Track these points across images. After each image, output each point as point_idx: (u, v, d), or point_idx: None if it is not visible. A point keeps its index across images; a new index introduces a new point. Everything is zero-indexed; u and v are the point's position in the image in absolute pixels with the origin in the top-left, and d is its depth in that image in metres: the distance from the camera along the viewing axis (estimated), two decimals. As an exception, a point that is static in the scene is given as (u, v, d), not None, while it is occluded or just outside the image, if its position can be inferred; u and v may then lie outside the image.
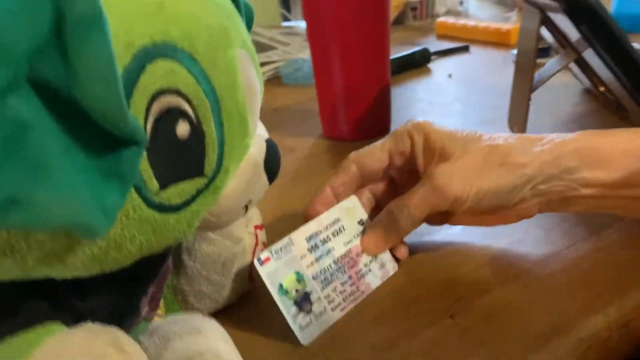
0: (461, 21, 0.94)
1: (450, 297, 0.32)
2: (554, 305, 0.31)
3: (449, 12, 1.09)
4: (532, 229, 0.38)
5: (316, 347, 0.30)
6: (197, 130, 0.21)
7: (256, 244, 0.34)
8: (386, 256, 0.35)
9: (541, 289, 0.32)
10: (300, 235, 0.32)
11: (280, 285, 0.30)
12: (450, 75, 0.75)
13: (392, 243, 0.34)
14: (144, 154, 0.20)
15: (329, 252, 0.33)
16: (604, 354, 0.29)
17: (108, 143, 0.18)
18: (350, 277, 0.33)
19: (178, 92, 0.20)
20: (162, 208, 0.21)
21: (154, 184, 0.20)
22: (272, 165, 0.27)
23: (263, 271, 0.30)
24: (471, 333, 0.29)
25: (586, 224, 0.38)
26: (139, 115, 0.19)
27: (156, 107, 0.20)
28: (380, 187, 0.36)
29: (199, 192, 0.23)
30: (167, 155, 0.21)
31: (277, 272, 0.30)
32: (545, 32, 0.58)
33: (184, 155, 0.21)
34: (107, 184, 0.18)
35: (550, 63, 0.56)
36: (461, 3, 1.11)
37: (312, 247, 0.32)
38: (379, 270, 0.34)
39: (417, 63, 0.79)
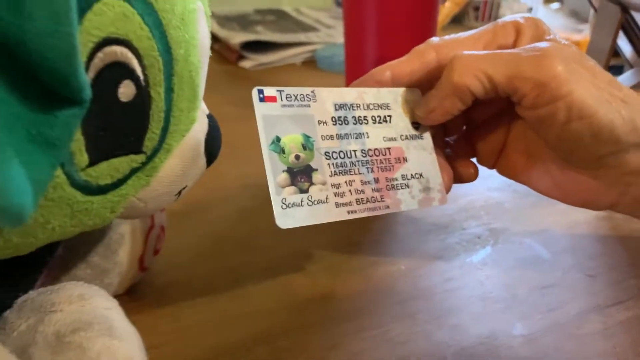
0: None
1: (448, 341, 0.28)
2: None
3: (514, 18, 1.02)
4: (572, 273, 0.33)
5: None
6: (142, 96, 0.17)
7: (151, 227, 0.29)
8: (435, 179, 0.28)
9: (578, 355, 0.27)
10: (327, 95, 0.25)
11: (277, 139, 0.24)
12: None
13: (445, 101, 0.26)
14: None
15: (359, 136, 0.26)
16: None
17: (42, 100, 0.14)
18: (376, 180, 0.26)
19: (128, 45, 0.16)
20: (88, 189, 0.17)
21: (83, 159, 0.17)
22: (213, 146, 0.22)
23: (260, 109, 0.23)
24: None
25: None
26: None
27: (100, 60, 0.16)
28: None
29: (133, 172, 0.19)
30: (103, 122, 0.17)
31: (278, 120, 0.24)
32: (622, 44, 0.51)
33: (123, 125, 0.18)
34: (35, 153, 0.14)
35: (622, 78, 0.50)
36: (530, 10, 1.04)
37: (338, 118, 0.25)
38: (419, 192, 0.27)
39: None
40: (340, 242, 0.36)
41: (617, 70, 0.62)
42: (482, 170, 0.31)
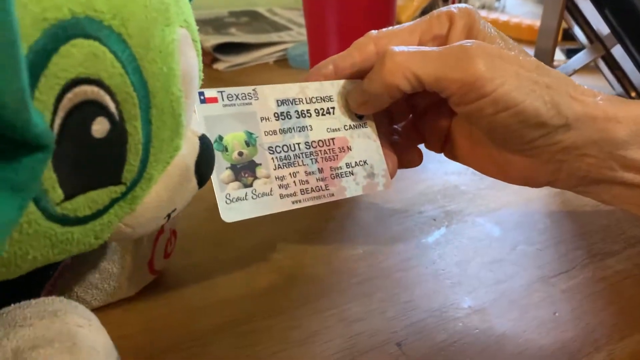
0: (492, 15, 0.89)
1: (400, 316, 0.29)
2: (532, 345, 0.27)
3: (483, 7, 1.04)
4: (521, 247, 0.35)
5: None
6: (118, 131, 0.18)
7: (160, 232, 0.29)
8: (379, 165, 0.29)
9: (520, 322, 0.29)
10: (269, 92, 0.27)
11: (220, 138, 0.25)
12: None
13: (375, 96, 0.27)
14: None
15: (302, 129, 0.27)
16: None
17: (3, 147, 0.14)
18: (320, 170, 0.27)
19: (99, 83, 0.17)
20: (66, 221, 0.18)
21: (57, 194, 0.17)
22: (204, 168, 0.23)
23: (201, 111, 0.24)
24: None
25: (587, 248, 0.34)
26: (45, 110, 0.16)
27: (69, 100, 0.16)
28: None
29: (114, 202, 0.19)
30: (77, 159, 0.17)
31: (220, 120, 0.25)
32: (578, 32, 0.53)
33: (98, 160, 0.18)
34: (1, 198, 0.14)
35: (574, 59, 0.52)
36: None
37: (281, 113, 0.27)
38: (364, 178, 0.28)
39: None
40: (304, 231, 0.37)
41: (575, 52, 0.64)
42: (441, 155, 0.32)
